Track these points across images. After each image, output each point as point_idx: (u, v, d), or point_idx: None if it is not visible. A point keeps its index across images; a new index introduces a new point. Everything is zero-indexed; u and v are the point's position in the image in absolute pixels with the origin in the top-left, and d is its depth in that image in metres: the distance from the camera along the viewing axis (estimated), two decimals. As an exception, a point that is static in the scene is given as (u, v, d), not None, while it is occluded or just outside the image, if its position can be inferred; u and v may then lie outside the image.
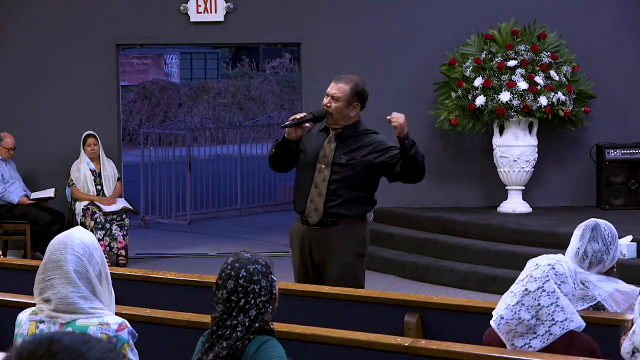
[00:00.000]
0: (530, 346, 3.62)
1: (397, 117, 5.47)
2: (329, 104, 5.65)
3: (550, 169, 10.45)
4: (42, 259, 3.44)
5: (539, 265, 3.68)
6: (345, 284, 5.37)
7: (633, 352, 3.08)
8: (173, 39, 10.85)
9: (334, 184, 5.63)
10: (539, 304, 3.60)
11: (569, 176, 10.50)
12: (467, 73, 9.83)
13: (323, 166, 5.66)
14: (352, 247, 5.67)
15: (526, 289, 3.63)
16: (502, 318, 3.66)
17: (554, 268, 3.66)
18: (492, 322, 3.69)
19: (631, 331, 3.14)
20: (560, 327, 3.59)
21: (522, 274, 3.71)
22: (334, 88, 5.68)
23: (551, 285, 3.61)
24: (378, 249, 9.78)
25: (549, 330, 3.60)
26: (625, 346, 3.13)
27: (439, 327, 4.62)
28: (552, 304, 3.59)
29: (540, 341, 3.61)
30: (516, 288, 3.68)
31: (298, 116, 5.66)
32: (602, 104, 10.25)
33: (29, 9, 10.43)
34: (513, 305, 3.64)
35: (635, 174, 10.17)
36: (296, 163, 5.81)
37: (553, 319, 3.59)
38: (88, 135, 10.03)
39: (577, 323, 3.61)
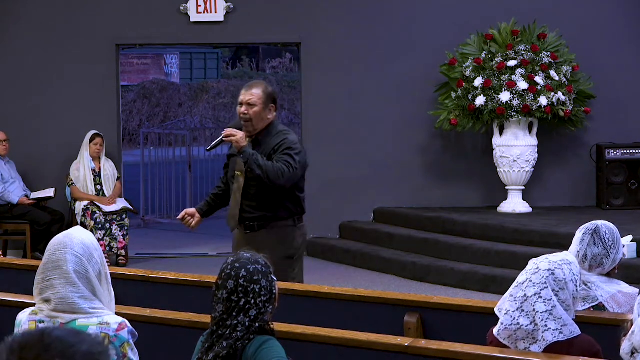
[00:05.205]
0: (530, 350, 3.62)
1: (230, 133, 5.60)
2: (246, 112, 5.69)
3: (550, 169, 10.44)
4: (42, 259, 3.44)
5: (539, 270, 3.64)
6: None
7: (632, 353, 3.07)
8: (173, 39, 10.85)
9: (250, 189, 5.72)
10: (534, 310, 3.60)
11: (569, 176, 10.50)
12: (467, 73, 9.82)
13: (239, 174, 5.77)
14: (277, 248, 5.66)
15: (525, 295, 3.62)
16: (502, 324, 3.66)
17: (553, 274, 3.62)
18: (494, 330, 3.69)
19: (630, 332, 3.13)
20: (552, 335, 3.60)
21: (522, 277, 3.68)
22: (247, 95, 5.70)
23: (549, 292, 3.59)
24: (378, 249, 9.79)
25: (543, 336, 3.61)
26: (625, 347, 3.12)
27: (439, 327, 4.62)
28: (546, 311, 3.59)
29: (539, 346, 3.62)
30: (516, 292, 3.65)
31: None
32: (602, 104, 10.25)
33: (29, 9, 10.43)
34: (513, 312, 3.63)
35: (635, 174, 10.17)
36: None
37: (546, 326, 3.60)
38: (96, 134, 10.02)
39: (566, 336, 3.60)
